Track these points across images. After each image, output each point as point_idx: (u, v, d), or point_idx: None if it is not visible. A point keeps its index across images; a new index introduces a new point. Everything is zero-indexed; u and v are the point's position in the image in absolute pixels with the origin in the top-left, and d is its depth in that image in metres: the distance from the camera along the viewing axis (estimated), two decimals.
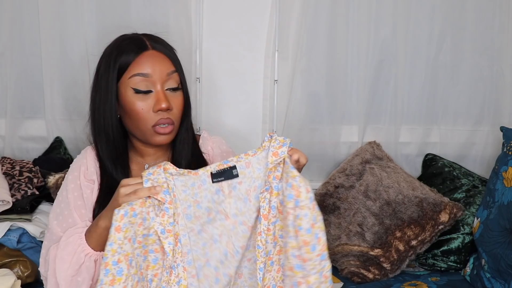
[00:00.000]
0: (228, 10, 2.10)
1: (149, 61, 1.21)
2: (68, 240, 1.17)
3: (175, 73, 1.24)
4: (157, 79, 1.20)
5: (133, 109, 1.21)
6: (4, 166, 1.91)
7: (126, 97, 1.21)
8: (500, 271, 1.69)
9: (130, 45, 1.23)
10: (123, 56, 1.21)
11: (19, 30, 2.04)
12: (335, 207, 2.03)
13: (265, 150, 1.07)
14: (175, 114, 1.23)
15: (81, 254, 1.15)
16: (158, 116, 1.20)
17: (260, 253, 1.05)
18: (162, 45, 1.26)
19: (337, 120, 2.18)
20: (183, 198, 1.08)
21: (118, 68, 1.21)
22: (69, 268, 1.14)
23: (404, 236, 1.88)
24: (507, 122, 2.15)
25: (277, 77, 2.12)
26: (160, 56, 1.23)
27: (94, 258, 1.15)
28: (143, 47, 1.23)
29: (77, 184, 1.26)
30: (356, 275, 1.87)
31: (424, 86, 2.18)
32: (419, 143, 2.23)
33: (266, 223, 1.05)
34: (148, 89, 1.20)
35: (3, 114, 2.09)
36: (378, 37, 2.12)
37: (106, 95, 1.22)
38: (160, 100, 1.19)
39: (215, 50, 2.11)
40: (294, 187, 0.99)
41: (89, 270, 1.14)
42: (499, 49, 2.16)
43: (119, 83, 1.22)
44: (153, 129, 1.21)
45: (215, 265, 1.08)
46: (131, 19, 2.03)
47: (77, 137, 2.11)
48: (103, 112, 1.23)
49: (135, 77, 1.20)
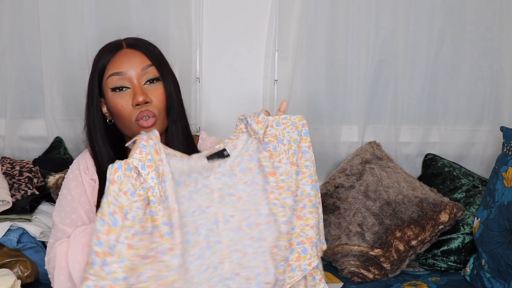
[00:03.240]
0: (228, 10, 2.10)
1: (122, 59, 1.23)
2: (81, 234, 1.17)
3: (151, 66, 1.24)
4: (133, 75, 1.22)
5: (115, 108, 1.23)
6: (4, 166, 1.91)
7: (108, 98, 1.24)
8: (500, 271, 1.69)
9: (107, 47, 1.26)
10: (100, 60, 1.25)
11: (19, 30, 2.04)
12: (335, 207, 2.03)
13: (245, 133, 1.19)
14: (156, 106, 1.23)
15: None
16: (137, 110, 1.22)
17: (278, 209, 1.14)
18: (137, 43, 1.27)
19: (337, 120, 2.18)
20: (177, 165, 1.10)
21: (98, 72, 1.24)
22: (84, 260, 1.11)
23: (404, 236, 1.88)
24: (507, 122, 2.15)
25: (277, 77, 2.12)
26: (133, 52, 1.25)
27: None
28: (118, 48, 1.25)
29: (79, 181, 1.27)
30: (356, 275, 1.87)
31: (424, 86, 2.18)
32: (419, 143, 2.23)
33: (274, 180, 1.15)
34: (124, 86, 1.22)
35: (3, 114, 2.09)
36: (378, 37, 2.12)
37: (92, 100, 1.26)
38: (136, 94, 1.21)
39: (215, 50, 2.11)
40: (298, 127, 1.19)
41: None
42: (499, 49, 2.16)
43: (102, 87, 1.25)
44: (136, 123, 1.22)
45: (205, 233, 1.11)
46: (131, 19, 2.03)
47: (77, 137, 2.10)
48: (92, 116, 1.27)
49: (111, 77, 1.23)
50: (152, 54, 1.26)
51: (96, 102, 1.26)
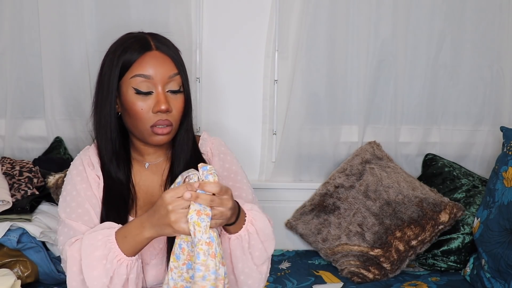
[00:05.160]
0: (228, 10, 2.10)
1: (151, 62, 1.21)
2: (95, 244, 1.12)
3: (177, 75, 1.23)
4: (159, 81, 1.20)
5: (133, 108, 1.21)
6: (4, 166, 1.91)
7: (127, 96, 1.21)
8: (500, 271, 1.69)
9: (134, 44, 1.22)
10: (126, 55, 1.21)
11: (19, 30, 2.04)
12: (335, 207, 2.03)
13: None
14: (174, 116, 1.22)
15: (113, 260, 1.09)
16: (157, 117, 1.20)
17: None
18: (166, 46, 1.25)
19: (337, 120, 2.18)
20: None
21: (120, 67, 1.21)
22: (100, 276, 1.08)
23: (404, 236, 1.88)
24: (507, 122, 2.15)
25: (277, 77, 2.12)
26: (163, 57, 1.23)
27: (126, 263, 1.10)
28: (147, 47, 1.22)
29: (83, 176, 1.25)
30: (356, 275, 1.87)
31: (424, 86, 2.18)
32: (419, 143, 2.23)
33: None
34: (149, 90, 1.20)
35: (3, 114, 2.09)
36: (378, 37, 2.11)
37: (108, 92, 1.22)
38: (160, 101, 1.19)
39: (215, 50, 2.11)
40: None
41: (120, 276, 1.10)
42: (499, 49, 2.16)
43: (121, 82, 1.22)
44: (151, 129, 1.21)
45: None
46: (131, 19, 2.03)
47: (77, 137, 2.11)
48: (104, 108, 1.24)
49: (137, 77, 1.20)
50: (179, 62, 1.25)
51: (113, 97, 1.22)
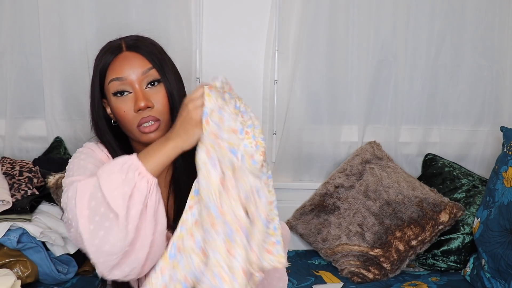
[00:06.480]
0: (228, 10, 2.10)
1: (122, 64, 1.20)
2: (113, 169, 1.05)
3: (151, 69, 1.21)
4: (134, 80, 1.20)
5: (117, 113, 1.21)
6: (4, 166, 1.91)
7: (110, 102, 1.22)
8: (500, 271, 1.69)
9: (107, 51, 1.23)
10: (101, 63, 1.22)
11: (19, 30, 2.04)
12: (335, 207, 2.03)
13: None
14: (158, 110, 1.20)
15: (135, 172, 1.03)
16: (139, 115, 1.19)
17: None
18: (137, 45, 1.24)
19: (337, 120, 2.18)
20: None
21: (99, 76, 1.22)
22: (120, 186, 1.01)
23: (404, 236, 1.88)
24: (507, 122, 2.15)
25: (277, 77, 2.12)
26: (133, 56, 1.22)
27: (147, 178, 1.04)
28: (118, 51, 1.22)
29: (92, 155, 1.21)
30: (356, 275, 1.87)
31: (424, 86, 2.18)
32: (419, 143, 2.23)
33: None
34: (126, 91, 1.20)
35: (3, 114, 2.09)
36: (378, 37, 2.12)
37: (94, 101, 1.24)
38: (138, 99, 1.18)
39: (215, 50, 2.11)
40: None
41: (141, 192, 1.03)
42: (499, 49, 2.16)
43: (104, 90, 1.23)
44: (138, 129, 1.20)
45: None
46: (131, 19, 2.03)
47: (77, 137, 2.11)
48: (98, 118, 1.25)
49: (113, 82, 1.20)
50: (152, 55, 1.23)
51: (98, 104, 1.24)
